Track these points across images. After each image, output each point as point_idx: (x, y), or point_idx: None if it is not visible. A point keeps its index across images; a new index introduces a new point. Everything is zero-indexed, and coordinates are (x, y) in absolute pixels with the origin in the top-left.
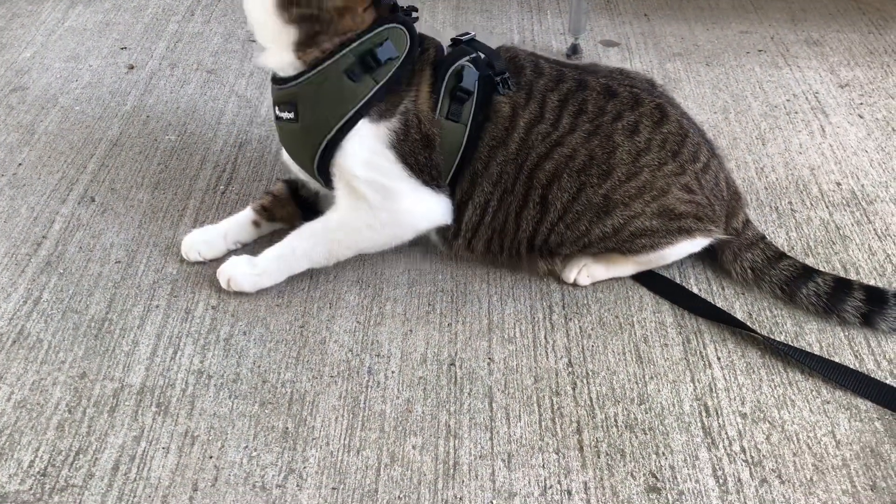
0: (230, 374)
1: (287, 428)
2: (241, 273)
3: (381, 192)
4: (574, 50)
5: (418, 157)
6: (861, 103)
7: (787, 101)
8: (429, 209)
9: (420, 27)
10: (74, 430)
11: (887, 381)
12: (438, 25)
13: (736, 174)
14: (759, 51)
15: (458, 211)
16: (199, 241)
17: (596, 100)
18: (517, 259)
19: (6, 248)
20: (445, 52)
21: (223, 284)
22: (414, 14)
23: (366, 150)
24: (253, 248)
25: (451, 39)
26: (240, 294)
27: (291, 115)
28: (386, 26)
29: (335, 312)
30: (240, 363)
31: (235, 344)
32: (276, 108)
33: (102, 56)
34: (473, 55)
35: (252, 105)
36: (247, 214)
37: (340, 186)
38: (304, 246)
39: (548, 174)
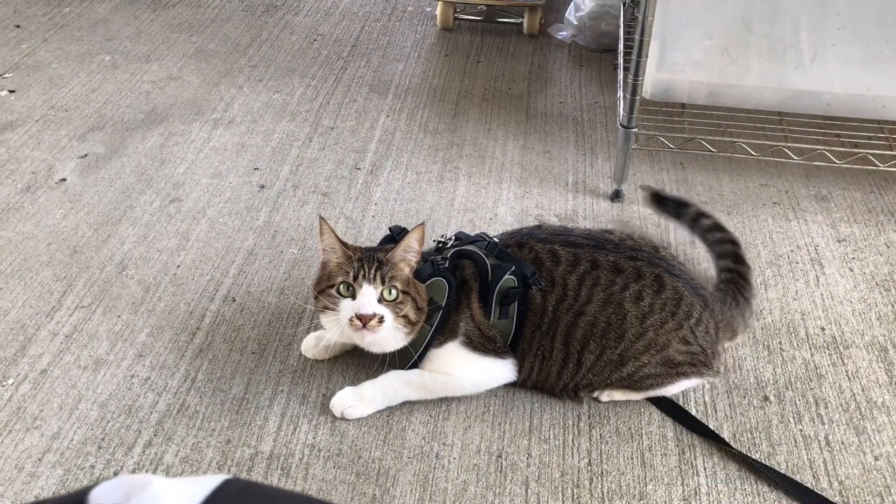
0: (335, 449)
1: (375, 495)
2: (351, 406)
3: (461, 367)
4: (616, 195)
5: (486, 346)
6: (853, 258)
7: (791, 251)
8: (500, 373)
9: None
10: None
11: (835, 500)
12: (507, 163)
13: None
14: (774, 203)
15: None
16: (311, 347)
17: (606, 275)
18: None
19: (170, 336)
20: (475, 252)
21: (337, 415)
22: (446, 245)
23: (441, 360)
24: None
25: (478, 243)
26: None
27: None
28: (430, 281)
29: (413, 406)
30: (342, 441)
31: (339, 425)
32: None
33: (239, 175)
34: (511, 269)
35: (357, 225)
36: None
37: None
38: (402, 391)
39: (580, 341)
